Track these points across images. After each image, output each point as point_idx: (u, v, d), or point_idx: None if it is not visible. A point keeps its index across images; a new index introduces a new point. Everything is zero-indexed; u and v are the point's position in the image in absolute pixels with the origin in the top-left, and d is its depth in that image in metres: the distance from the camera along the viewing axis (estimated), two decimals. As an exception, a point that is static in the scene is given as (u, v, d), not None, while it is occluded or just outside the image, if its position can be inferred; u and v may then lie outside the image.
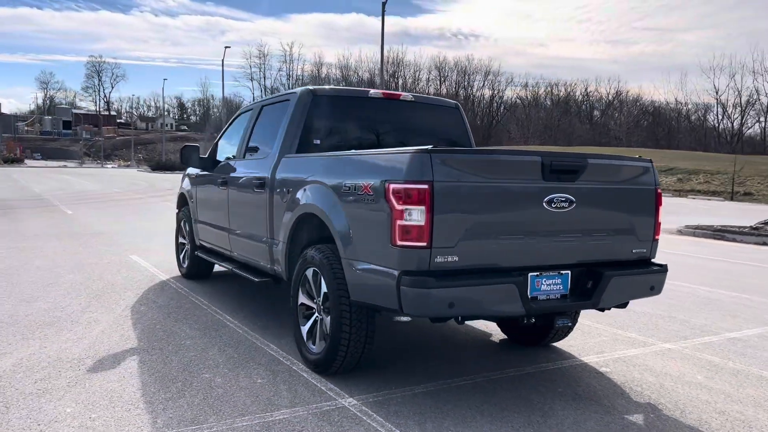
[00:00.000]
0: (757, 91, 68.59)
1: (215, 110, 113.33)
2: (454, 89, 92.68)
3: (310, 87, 5.01)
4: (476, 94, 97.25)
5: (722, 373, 4.54)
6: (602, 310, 4.00)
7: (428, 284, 3.31)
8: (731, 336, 5.54)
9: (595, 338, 5.27)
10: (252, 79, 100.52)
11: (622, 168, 4.03)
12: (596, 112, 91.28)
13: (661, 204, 4.16)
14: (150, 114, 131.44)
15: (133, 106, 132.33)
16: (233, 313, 5.81)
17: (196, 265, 7.13)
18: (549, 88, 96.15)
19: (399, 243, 3.38)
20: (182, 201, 7.58)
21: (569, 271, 3.82)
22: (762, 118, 68.85)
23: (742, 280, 8.28)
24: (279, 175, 4.82)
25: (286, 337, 5.05)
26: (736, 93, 70.68)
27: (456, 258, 3.42)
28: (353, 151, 4.34)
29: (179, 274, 7.59)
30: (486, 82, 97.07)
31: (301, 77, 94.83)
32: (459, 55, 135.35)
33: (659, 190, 4.15)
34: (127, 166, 71.95)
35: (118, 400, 3.71)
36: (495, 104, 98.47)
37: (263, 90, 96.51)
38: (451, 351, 4.93)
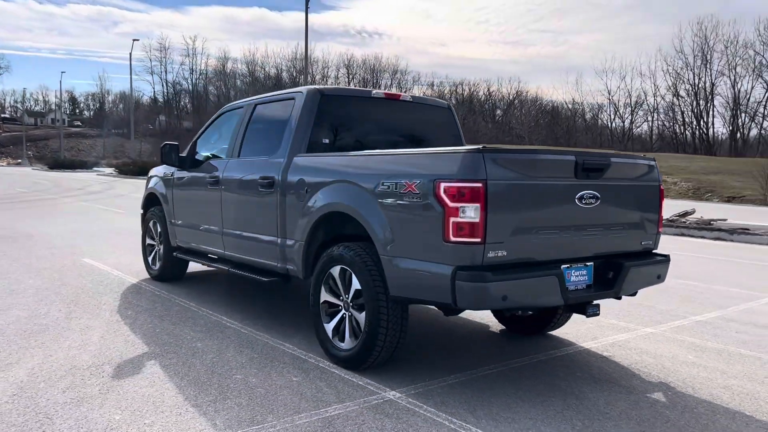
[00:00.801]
0: (644, 92, 73.33)
1: (111, 105, 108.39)
2: (362, 87, 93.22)
3: (317, 86, 5.04)
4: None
5: (707, 352, 4.98)
6: (619, 298, 4.30)
7: (486, 278, 3.47)
8: (697, 319, 6.04)
9: (582, 326, 5.61)
10: (152, 73, 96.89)
11: (636, 166, 4.36)
12: (498, 111, 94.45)
13: (663, 199, 4.52)
14: (38, 109, 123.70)
15: (19, 100, 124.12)
16: (228, 314, 5.74)
17: (170, 267, 6.96)
18: (454, 88, 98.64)
19: (453, 239, 3.52)
20: (151, 202, 7.36)
21: (592, 263, 4.10)
22: (649, 117, 73.55)
23: (682, 268, 8.97)
24: (292, 174, 4.83)
25: (295, 336, 5.07)
26: (627, 94, 75.23)
27: (504, 253, 3.60)
28: (387, 150, 4.45)
29: (148, 276, 7.35)
30: (393, 81, 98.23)
31: (205, 72, 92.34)
32: (366, 53, 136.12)
33: (662, 187, 4.51)
34: (18, 164, 67.63)
35: (162, 405, 3.64)
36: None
37: (164, 84, 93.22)
38: (459, 343, 5.12)
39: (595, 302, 4.12)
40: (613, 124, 77.04)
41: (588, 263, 4.08)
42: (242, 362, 4.42)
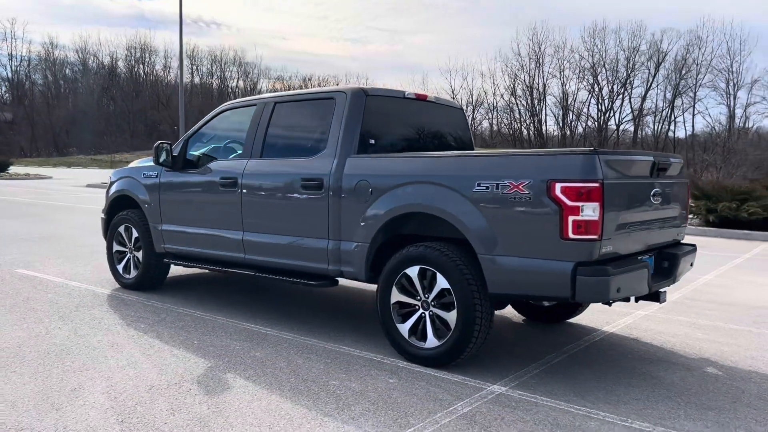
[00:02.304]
0: (485, 92, 78.02)
1: None
2: (207, 79, 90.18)
3: (361, 87, 5.01)
4: (231, 85, 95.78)
5: (706, 329, 5.63)
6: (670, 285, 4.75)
7: (608, 272, 3.73)
8: (670, 300, 6.74)
9: (588, 313, 6.06)
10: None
11: (678, 165, 4.83)
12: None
13: (689, 194, 5.05)
14: None
15: None
16: (250, 320, 5.52)
17: (151, 274, 6.50)
18: (303, 83, 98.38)
19: (571, 236, 3.74)
20: (119, 204, 6.82)
21: (653, 255, 4.51)
22: (489, 115, 78.20)
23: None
24: (348, 176, 4.76)
25: (343, 338, 5.03)
26: (469, 92, 79.43)
27: (611, 248, 3.89)
28: (478, 151, 4.53)
29: (117, 285, 6.81)
30: (240, 74, 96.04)
31: (27, 58, 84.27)
32: (207, 43, 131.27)
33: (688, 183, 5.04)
34: None
35: (293, 418, 3.51)
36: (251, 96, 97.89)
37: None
38: (500, 336, 5.30)
39: (663, 289, 4.53)
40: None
41: (651, 255, 4.48)
42: (321, 369, 4.33)
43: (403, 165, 4.59)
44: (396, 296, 4.53)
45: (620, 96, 68.92)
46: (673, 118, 68.13)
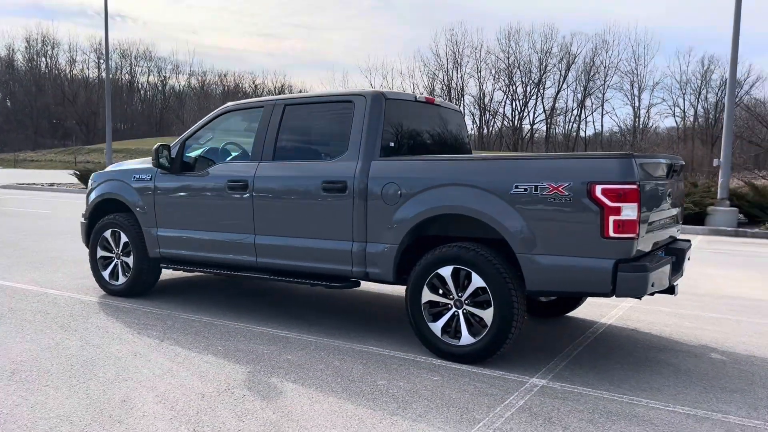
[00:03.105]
0: (405, 91, 78.99)
1: None
2: (115, 74, 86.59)
3: (379, 90, 5.08)
4: (141, 81, 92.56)
5: (691, 319, 6.06)
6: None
7: (647, 268, 3.99)
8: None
9: (582, 307, 6.36)
10: None
11: (682, 166, 5.18)
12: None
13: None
14: None
15: None
16: (263, 323, 5.49)
17: (143, 280, 6.32)
18: (218, 79, 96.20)
19: (612, 235, 3.98)
20: (103, 208, 6.58)
21: (663, 250, 4.84)
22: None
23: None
24: (375, 178, 4.83)
25: (367, 338, 5.10)
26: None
27: (641, 246, 4.16)
28: (514, 154, 4.69)
29: (102, 292, 6.57)
30: (151, 68, 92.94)
31: None
32: (113, 36, 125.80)
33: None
34: None
35: (359, 418, 3.56)
36: (163, 92, 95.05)
37: None
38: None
39: (675, 282, 4.86)
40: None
41: (661, 250, 4.80)
42: (362, 369, 4.39)
43: (434, 168, 4.70)
44: (427, 296, 4.64)
45: (534, 96, 71.61)
46: (583, 117, 71.50)
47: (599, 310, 6.22)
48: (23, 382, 4.00)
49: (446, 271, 4.55)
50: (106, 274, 6.52)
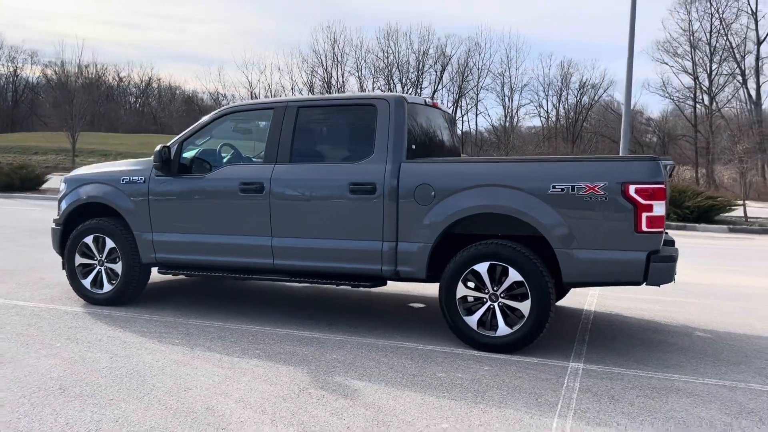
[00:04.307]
0: (283, 86, 78.43)
1: None
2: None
3: (401, 94, 5.26)
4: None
5: (659, 303, 6.75)
6: None
7: (674, 259, 4.50)
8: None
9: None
10: None
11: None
12: (132, 99, 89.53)
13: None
14: None
15: None
16: (282, 325, 5.49)
17: (133, 286, 6.08)
18: (79, 70, 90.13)
19: (645, 230, 4.45)
20: (81, 213, 6.25)
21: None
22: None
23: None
24: (406, 180, 5.00)
25: (393, 334, 5.27)
26: (267, 87, 78.70)
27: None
28: (550, 156, 5.01)
29: (81, 302, 6.23)
30: (2, 57, 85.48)
31: None
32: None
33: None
34: None
35: (450, 408, 3.76)
36: (15, 84, 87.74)
37: None
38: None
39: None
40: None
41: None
42: (412, 364, 4.56)
43: (469, 170, 4.96)
44: (462, 291, 4.90)
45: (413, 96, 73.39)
46: (458, 117, 74.30)
47: (576, 299, 6.76)
48: (84, 398, 3.82)
49: (482, 267, 4.82)
50: (86, 282, 6.18)
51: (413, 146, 5.27)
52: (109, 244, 6.05)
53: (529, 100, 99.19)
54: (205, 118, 5.89)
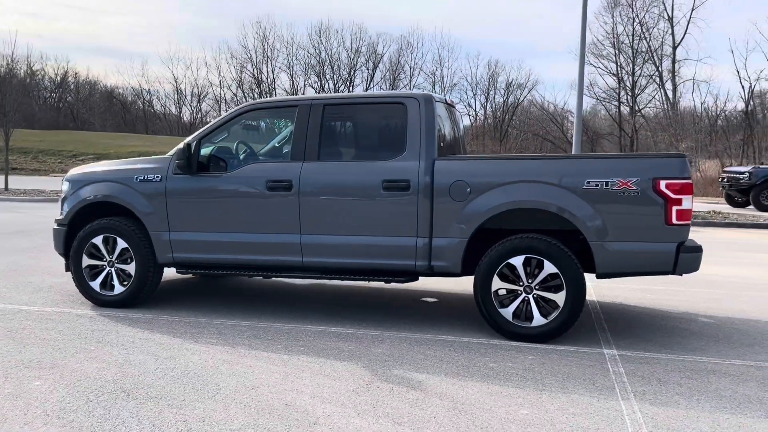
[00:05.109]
0: (211, 82, 76.95)
1: None
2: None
3: (429, 93, 5.38)
4: None
5: (650, 292, 7.15)
6: None
7: (701, 249, 4.82)
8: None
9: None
10: None
11: None
12: (46, 93, 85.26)
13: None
14: None
15: None
16: (312, 321, 5.51)
17: (147, 288, 5.95)
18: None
19: (675, 222, 4.75)
20: (87, 213, 6.06)
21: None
22: (217, 107, 76.84)
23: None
24: (441, 177, 5.13)
25: (425, 327, 5.39)
26: (194, 83, 76.87)
27: (685, 231, 4.99)
28: (583, 154, 5.21)
29: (89, 304, 6.05)
30: None
31: None
32: None
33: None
34: None
35: (524, 396, 3.93)
36: None
37: None
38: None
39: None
40: (183, 112, 77.99)
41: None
42: (459, 356, 4.69)
43: (505, 166, 5.14)
44: (497, 284, 5.07)
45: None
46: (390, 115, 74.72)
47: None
48: (156, 400, 3.76)
49: (518, 261, 5.01)
50: (95, 284, 6.00)
51: (441, 144, 5.40)
52: (121, 244, 5.89)
53: (459, 100, 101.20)
54: (224, 115, 5.82)
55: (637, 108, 51.99)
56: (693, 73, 66.04)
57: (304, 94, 72.80)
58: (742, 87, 50.34)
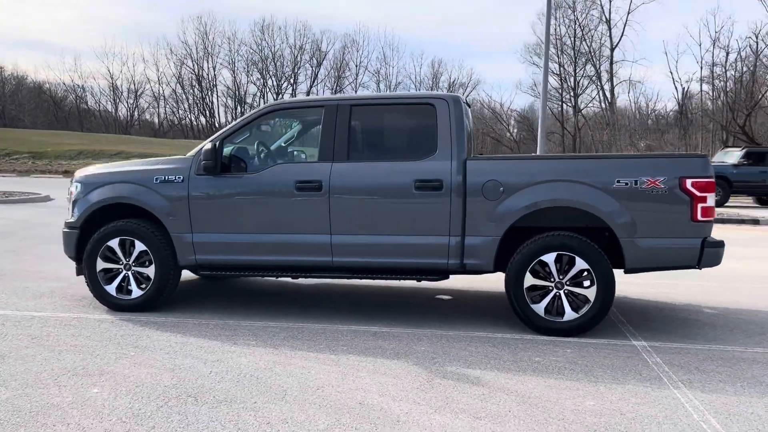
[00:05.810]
0: (149, 78, 75.09)
1: None
2: None
3: (456, 94, 5.49)
4: None
5: (650, 286, 7.45)
6: None
7: (723, 244, 5.10)
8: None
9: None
10: None
11: None
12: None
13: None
14: None
15: None
16: (343, 321, 5.53)
17: (167, 290, 5.85)
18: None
19: (700, 219, 5.01)
20: (101, 215, 5.90)
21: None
22: (155, 104, 74.83)
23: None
24: (473, 176, 5.24)
25: (458, 325, 5.49)
26: (131, 79, 74.43)
27: (705, 227, 5.27)
28: (612, 154, 5.39)
29: (102, 308, 5.90)
30: None
31: None
32: None
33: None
34: None
35: (579, 388, 4.08)
36: None
37: None
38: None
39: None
40: (119, 109, 75.66)
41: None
42: (502, 352, 4.81)
43: (537, 166, 5.29)
44: (530, 280, 5.22)
45: (288, 91, 72.88)
46: (336, 113, 74.49)
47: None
48: (228, 403, 3.74)
49: (550, 258, 5.17)
50: (111, 288, 5.85)
51: (468, 144, 5.51)
52: (139, 246, 5.76)
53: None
54: (247, 115, 5.77)
55: (578, 108, 53.57)
56: (629, 74, 68.66)
57: (246, 90, 71.92)
58: (675, 87, 52.68)
